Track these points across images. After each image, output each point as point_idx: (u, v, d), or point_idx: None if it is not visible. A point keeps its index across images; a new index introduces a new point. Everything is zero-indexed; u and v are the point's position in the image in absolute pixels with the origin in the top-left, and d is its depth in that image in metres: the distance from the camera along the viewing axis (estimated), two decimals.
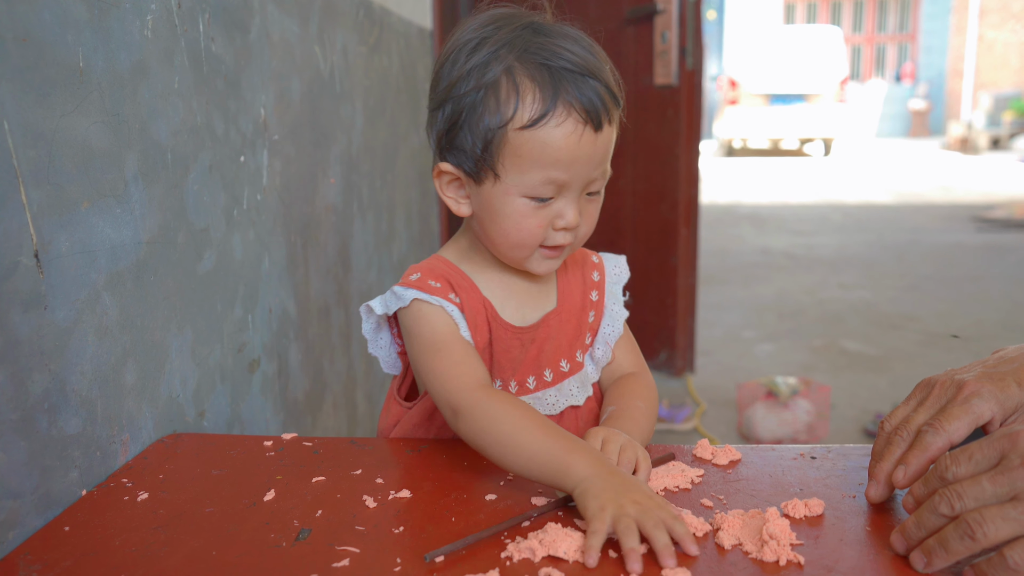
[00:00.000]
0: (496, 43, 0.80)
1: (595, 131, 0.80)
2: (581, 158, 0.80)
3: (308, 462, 0.88)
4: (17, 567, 0.69)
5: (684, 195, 2.91)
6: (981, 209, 7.15)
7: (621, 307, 0.99)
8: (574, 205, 0.83)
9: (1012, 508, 0.57)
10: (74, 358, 0.83)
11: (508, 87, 0.79)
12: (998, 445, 0.61)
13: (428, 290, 0.86)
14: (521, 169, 0.81)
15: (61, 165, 0.81)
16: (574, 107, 0.78)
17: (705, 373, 3.12)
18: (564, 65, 0.79)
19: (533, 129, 0.79)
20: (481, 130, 0.81)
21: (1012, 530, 0.57)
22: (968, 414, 0.71)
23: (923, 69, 16.86)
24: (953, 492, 0.61)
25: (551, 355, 0.93)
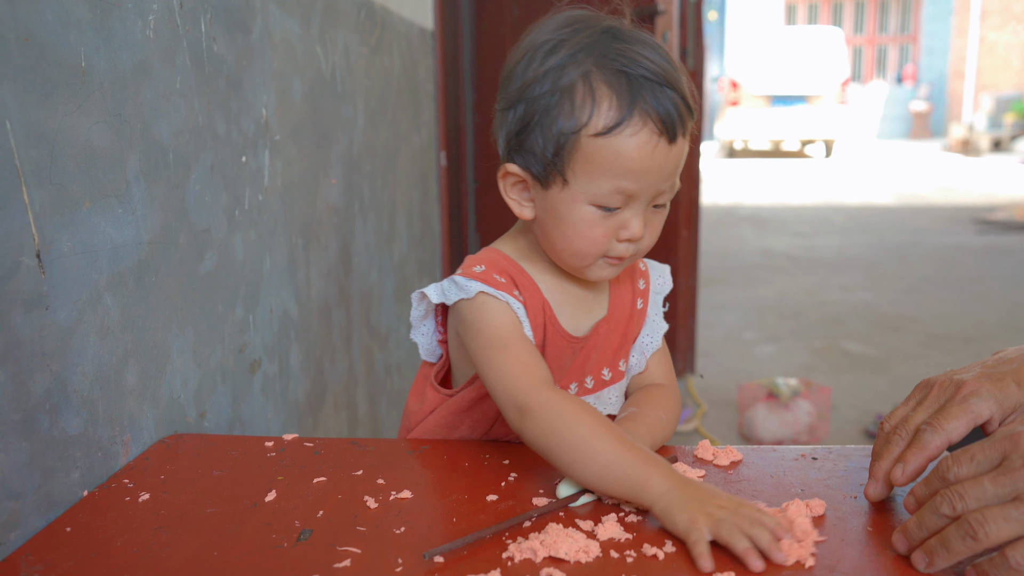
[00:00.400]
0: (574, 46, 0.79)
1: (669, 143, 0.78)
2: (653, 169, 0.78)
3: (309, 463, 0.88)
4: (19, 568, 0.69)
5: (685, 196, 2.91)
6: (982, 211, 7.14)
7: (661, 319, 0.97)
8: (640, 217, 0.82)
9: (1014, 508, 0.57)
10: (75, 358, 0.83)
11: (584, 92, 0.77)
12: (1000, 446, 0.61)
13: (494, 284, 0.84)
14: (591, 176, 0.79)
15: (63, 165, 0.81)
16: (650, 117, 0.77)
17: (706, 374, 3.12)
18: (642, 73, 0.77)
19: (607, 137, 0.77)
20: (553, 134, 0.79)
21: (1014, 530, 0.57)
22: (966, 413, 0.71)
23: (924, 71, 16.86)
24: (955, 492, 0.61)
25: (596, 362, 0.92)
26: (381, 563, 0.67)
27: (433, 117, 2.58)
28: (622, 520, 0.74)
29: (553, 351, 0.89)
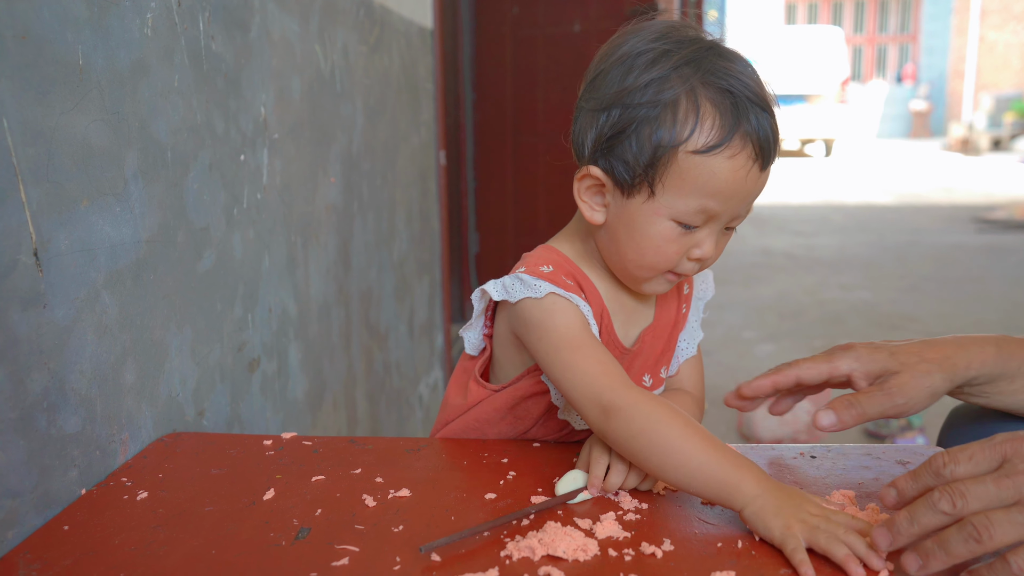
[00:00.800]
0: (680, 60, 0.78)
1: (761, 170, 0.78)
2: (741, 193, 0.78)
3: (308, 461, 0.88)
4: (16, 566, 0.69)
5: None
6: (982, 210, 7.14)
7: (699, 327, 0.97)
8: (714, 238, 0.81)
9: (1018, 512, 0.56)
10: (73, 357, 0.83)
11: (688, 107, 0.76)
12: (1000, 449, 0.61)
13: (563, 285, 0.83)
14: (681, 192, 0.78)
15: (60, 163, 0.81)
16: (750, 140, 0.76)
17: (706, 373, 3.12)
18: (747, 95, 0.76)
19: (706, 155, 0.76)
20: (652, 144, 0.77)
21: (1018, 534, 0.56)
22: (827, 363, 0.83)
23: (924, 70, 16.86)
24: (956, 490, 0.59)
25: (639, 370, 0.92)
26: (379, 561, 0.67)
27: (432, 116, 2.58)
28: (620, 519, 0.74)
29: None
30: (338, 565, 0.67)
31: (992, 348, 0.83)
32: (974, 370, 0.81)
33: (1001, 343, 0.84)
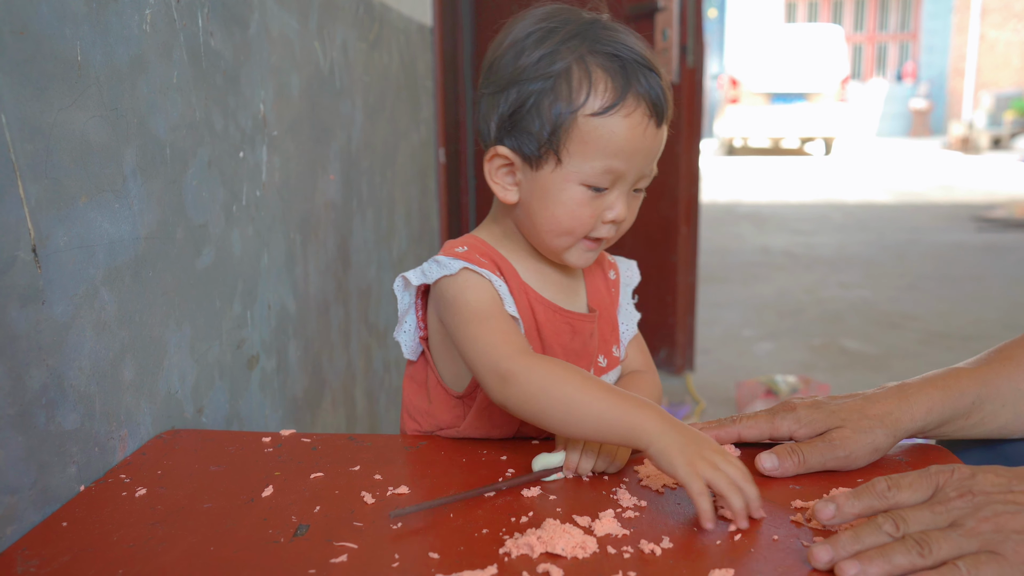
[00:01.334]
0: (565, 34, 0.83)
1: (657, 126, 0.82)
2: (642, 151, 0.83)
3: (306, 458, 0.88)
4: (15, 562, 0.69)
5: (684, 193, 2.91)
6: (982, 209, 7.14)
7: (633, 308, 1.01)
8: (624, 199, 0.86)
9: (952, 531, 0.63)
10: (72, 353, 0.83)
11: (580, 74, 0.81)
12: (935, 479, 0.67)
13: (476, 262, 0.86)
14: (585, 156, 0.82)
15: (59, 159, 0.80)
16: (643, 99, 0.81)
17: (705, 371, 3.12)
18: (634, 57, 0.81)
19: (603, 117, 0.81)
20: (552, 115, 0.82)
21: (953, 551, 0.62)
22: (768, 423, 0.85)
23: (924, 68, 16.85)
24: (899, 516, 0.65)
25: (594, 351, 0.95)
26: (378, 559, 0.67)
27: (432, 114, 2.58)
28: (619, 516, 0.73)
29: (550, 328, 0.90)
30: (336, 562, 0.67)
31: (939, 393, 0.84)
32: (919, 421, 0.83)
33: (949, 382, 0.85)
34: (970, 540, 0.62)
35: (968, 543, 0.62)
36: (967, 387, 0.85)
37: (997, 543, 0.61)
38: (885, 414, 0.82)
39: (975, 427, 0.86)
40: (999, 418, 0.86)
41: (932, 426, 0.84)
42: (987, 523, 0.62)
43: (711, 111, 15.47)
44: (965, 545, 0.62)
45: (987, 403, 0.85)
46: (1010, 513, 0.62)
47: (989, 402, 0.85)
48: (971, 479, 0.66)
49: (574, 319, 0.92)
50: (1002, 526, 0.61)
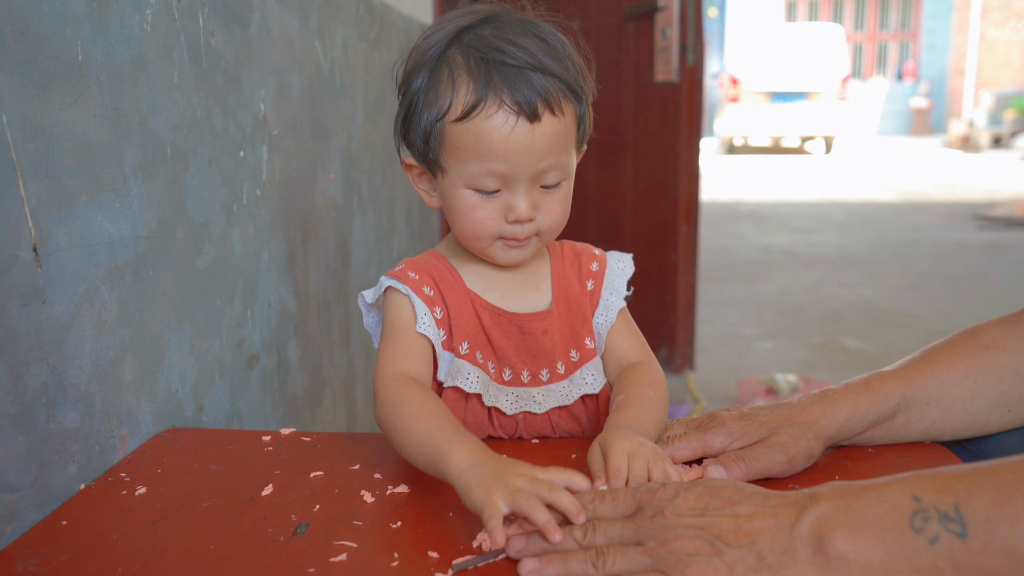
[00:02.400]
0: (446, 36, 0.82)
1: (529, 121, 0.79)
2: (517, 149, 0.80)
3: (306, 457, 0.88)
4: (15, 560, 0.69)
5: (684, 192, 2.91)
6: (982, 207, 7.14)
7: (618, 298, 0.97)
8: (523, 197, 0.83)
9: (634, 550, 0.64)
10: (72, 352, 0.83)
11: (446, 81, 0.80)
12: (637, 497, 0.68)
13: (403, 280, 0.88)
14: (460, 161, 0.82)
15: (60, 159, 0.81)
16: (504, 98, 0.78)
17: (705, 370, 3.12)
18: (500, 58, 0.79)
19: (466, 121, 0.79)
20: (423, 124, 0.82)
21: (627, 567, 0.63)
22: (700, 441, 0.83)
23: (925, 67, 16.84)
24: (590, 524, 0.67)
25: (560, 348, 0.92)
26: (377, 558, 0.67)
27: None
28: None
29: (498, 332, 0.90)
30: (336, 561, 0.67)
31: (861, 397, 0.85)
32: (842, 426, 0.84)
33: (872, 386, 0.85)
34: (645, 559, 0.63)
35: (643, 560, 0.63)
36: (890, 390, 0.85)
37: (669, 565, 0.61)
38: (812, 421, 0.83)
39: (901, 429, 0.86)
40: (925, 418, 0.86)
41: (856, 430, 0.85)
42: (665, 546, 0.62)
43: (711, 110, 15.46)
44: (640, 562, 0.63)
45: (912, 405, 0.85)
46: (688, 537, 0.62)
47: (915, 403, 0.85)
48: (671, 501, 0.66)
49: (521, 320, 0.91)
50: (677, 549, 0.62)
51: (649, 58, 2.86)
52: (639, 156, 2.98)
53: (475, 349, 0.90)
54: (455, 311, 0.89)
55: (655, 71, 2.84)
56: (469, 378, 0.87)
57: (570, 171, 0.86)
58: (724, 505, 0.64)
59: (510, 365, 0.91)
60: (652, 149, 2.94)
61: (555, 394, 0.91)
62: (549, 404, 0.91)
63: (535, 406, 0.91)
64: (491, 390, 0.89)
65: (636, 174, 3.00)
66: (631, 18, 2.88)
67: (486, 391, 0.89)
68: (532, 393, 0.91)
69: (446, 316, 0.89)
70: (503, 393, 0.90)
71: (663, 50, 2.79)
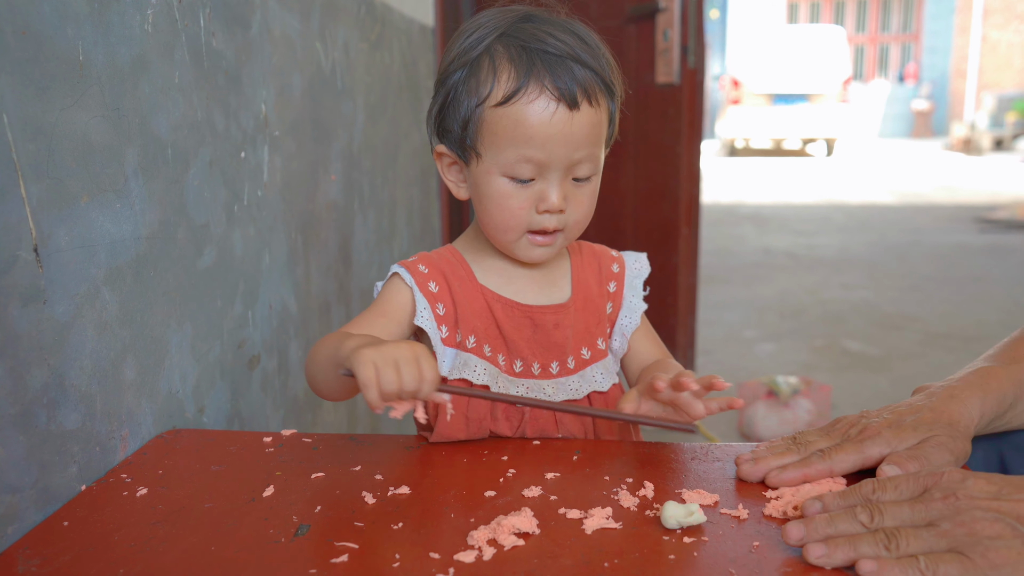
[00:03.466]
0: (486, 29, 0.84)
1: (569, 109, 0.81)
2: (556, 136, 0.81)
3: (307, 458, 0.88)
4: (16, 561, 0.69)
5: (685, 194, 2.91)
6: (984, 210, 7.13)
7: (639, 300, 0.99)
8: (557, 187, 0.84)
9: (926, 531, 0.63)
10: (73, 353, 0.83)
11: (488, 67, 0.82)
12: (924, 481, 0.68)
13: (412, 271, 0.91)
14: (498, 147, 0.83)
15: (61, 159, 0.80)
16: (546, 84, 0.80)
17: (706, 372, 3.11)
18: (542, 47, 0.81)
19: (506, 106, 0.81)
20: (463, 110, 0.84)
21: (924, 548, 0.63)
22: (858, 453, 0.79)
23: (926, 69, 16.84)
24: (876, 507, 0.66)
25: (572, 343, 0.93)
26: (378, 559, 0.67)
27: None
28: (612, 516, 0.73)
29: (510, 324, 0.91)
30: (337, 562, 0.67)
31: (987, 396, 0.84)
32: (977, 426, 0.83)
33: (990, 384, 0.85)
34: (940, 540, 0.62)
35: (938, 543, 0.62)
36: (1007, 389, 0.85)
37: (967, 546, 0.61)
38: (956, 421, 0.81)
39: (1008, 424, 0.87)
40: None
41: (982, 427, 0.84)
42: (962, 527, 0.62)
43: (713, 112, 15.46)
44: (935, 544, 0.62)
45: (1019, 403, 0.86)
46: (988, 520, 0.62)
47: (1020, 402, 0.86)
48: (961, 483, 0.65)
49: (534, 312, 0.92)
50: (976, 531, 0.61)
51: (650, 60, 2.86)
52: (640, 158, 2.98)
53: (483, 342, 0.91)
54: (463, 306, 0.90)
55: (656, 73, 2.84)
56: (476, 370, 0.89)
57: (600, 166, 0.88)
58: (1018, 491, 0.64)
59: (521, 357, 0.92)
60: (653, 151, 2.94)
61: (565, 388, 0.93)
62: (559, 397, 0.92)
63: (545, 398, 0.92)
64: (500, 381, 0.91)
65: (637, 176, 3.00)
66: (632, 19, 2.88)
67: (494, 382, 0.90)
68: (542, 385, 0.92)
69: (451, 312, 0.90)
70: (513, 385, 0.92)
71: (664, 52, 2.79)
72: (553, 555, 0.67)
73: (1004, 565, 0.60)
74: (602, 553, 0.67)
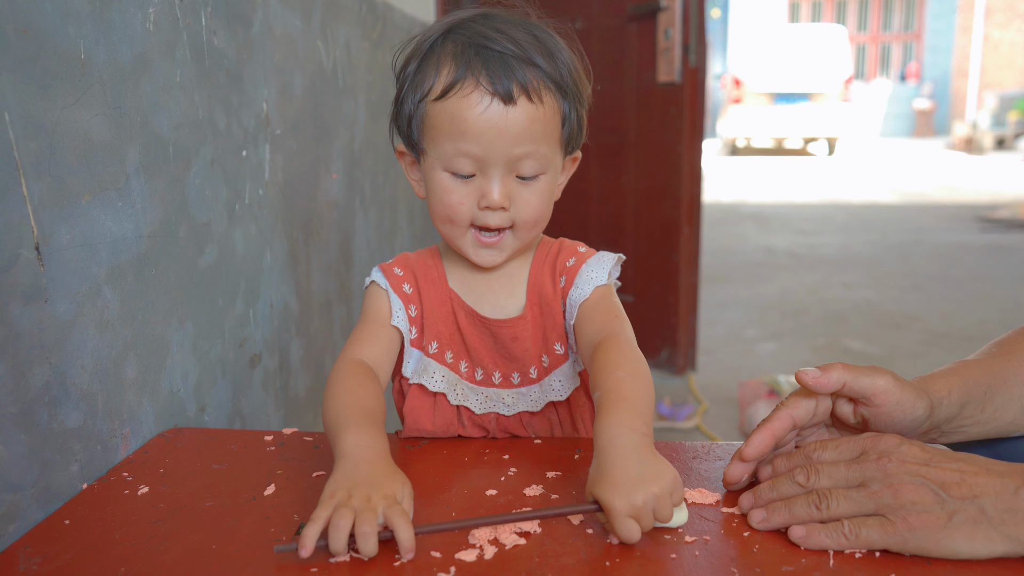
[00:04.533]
0: (441, 28, 0.84)
1: (504, 103, 0.80)
2: (490, 131, 0.80)
3: (308, 457, 0.88)
4: (17, 560, 0.69)
5: (686, 193, 2.90)
6: (985, 209, 7.13)
7: (599, 274, 0.90)
8: (497, 184, 0.83)
9: (857, 492, 0.67)
10: (75, 351, 0.83)
11: (431, 64, 0.83)
12: (862, 443, 0.71)
13: (387, 274, 0.93)
14: (437, 141, 0.83)
15: (62, 157, 0.80)
16: (480, 79, 0.80)
17: (707, 371, 3.12)
18: (484, 44, 0.81)
19: (443, 100, 0.81)
20: (409, 106, 0.85)
21: (851, 509, 0.67)
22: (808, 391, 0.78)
23: (928, 68, 16.82)
24: (812, 468, 0.70)
25: (533, 352, 0.92)
26: (379, 557, 0.67)
27: None
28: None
29: (471, 332, 0.92)
30: (338, 561, 0.67)
31: (955, 378, 0.83)
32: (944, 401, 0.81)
33: (960, 371, 0.84)
34: (868, 501, 0.66)
35: (865, 504, 0.66)
36: (978, 377, 0.84)
37: (891, 509, 0.65)
38: (917, 383, 0.81)
39: (988, 422, 0.85)
40: (1008, 412, 0.85)
41: (951, 413, 0.82)
42: (889, 489, 0.65)
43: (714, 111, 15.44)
44: (862, 505, 0.66)
45: (997, 396, 0.84)
46: (914, 485, 0.65)
47: (999, 395, 0.84)
48: (896, 447, 0.69)
49: (492, 325, 0.91)
50: (900, 494, 0.65)
51: (651, 59, 2.86)
52: (641, 157, 2.98)
53: (445, 349, 0.92)
54: (430, 310, 0.92)
55: (657, 72, 2.84)
56: (434, 377, 0.91)
57: (550, 166, 0.85)
58: (949, 460, 0.67)
59: (482, 366, 0.93)
60: (654, 150, 2.93)
61: (525, 398, 0.92)
62: (518, 407, 0.92)
63: (504, 408, 0.92)
64: (459, 389, 0.92)
65: (638, 175, 3.00)
66: (633, 18, 2.88)
67: (452, 390, 0.91)
68: (502, 395, 0.93)
69: (420, 315, 0.92)
70: (473, 392, 0.93)
71: (665, 50, 2.79)
72: (554, 554, 0.67)
73: (921, 529, 0.63)
74: (603, 552, 0.67)
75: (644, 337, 3.29)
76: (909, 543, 0.64)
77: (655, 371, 3.05)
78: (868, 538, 0.65)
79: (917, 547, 0.64)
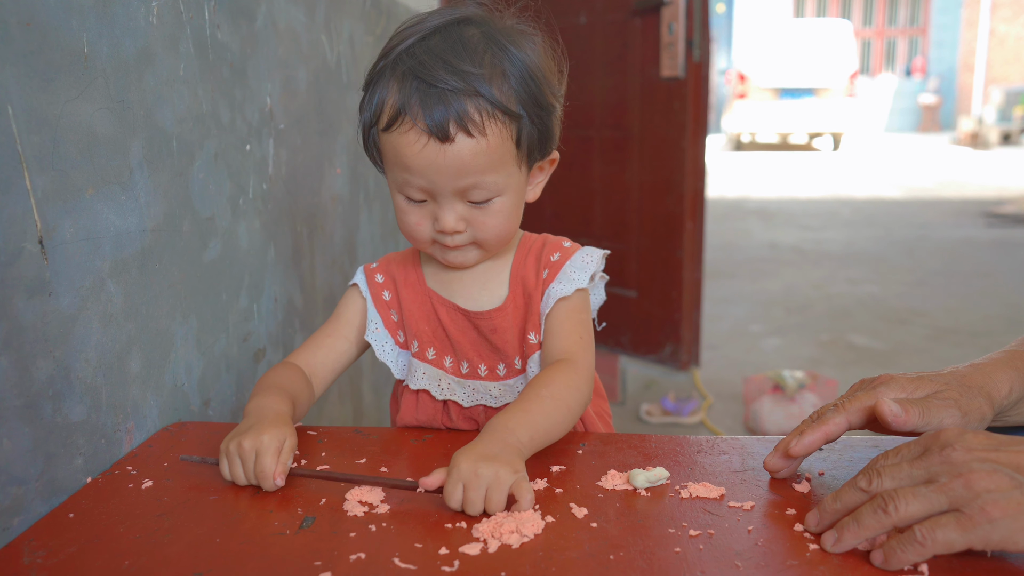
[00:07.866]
0: (398, 41, 0.83)
1: (440, 142, 0.79)
2: (429, 167, 0.81)
3: (312, 451, 0.88)
4: (21, 553, 0.69)
5: (690, 188, 2.90)
6: (991, 204, 7.10)
7: (567, 287, 0.90)
8: (448, 210, 0.84)
9: (924, 487, 0.62)
10: (79, 345, 0.83)
11: (382, 91, 0.83)
12: (924, 441, 0.66)
13: (369, 282, 0.96)
14: (388, 167, 0.86)
15: (65, 151, 0.80)
16: (416, 119, 0.79)
17: (712, 367, 3.11)
18: (428, 78, 0.79)
19: (388, 133, 0.82)
20: (364, 127, 0.86)
21: (922, 507, 0.61)
22: (872, 399, 0.76)
23: (934, 63, 16.75)
24: (873, 470, 0.66)
25: (515, 344, 0.92)
26: (383, 551, 0.67)
27: None
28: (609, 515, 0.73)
29: (454, 328, 0.93)
30: (342, 555, 0.67)
31: (1013, 372, 0.81)
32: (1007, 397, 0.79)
33: (1016, 364, 0.82)
34: (939, 496, 0.60)
35: (937, 499, 0.60)
36: None
37: (965, 502, 0.59)
38: (980, 385, 0.78)
39: None
40: None
41: (1012, 403, 0.81)
42: (959, 479, 0.60)
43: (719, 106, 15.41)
44: (933, 501, 0.61)
45: None
46: (985, 471, 0.60)
47: None
48: (959, 437, 0.64)
49: (473, 317, 0.92)
50: (973, 483, 0.59)
51: (655, 53, 2.85)
52: (645, 152, 2.97)
53: (428, 346, 0.94)
54: (409, 312, 0.94)
55: (661, 66, 2.83)
56: (416, 374, 0.93)
57: (504, 188, 0.84)
58: (1017, 443, 0.62)
59: (467, 359, 0.93)
60: (658, 145, 2.92)
61: (512, 390, 0.93)
62: (505, 399, 0.93)
63: (491, 400, 0.93)
64: (444, 383, 0.93)
65: (642, 170, 2.99)
66: (637, 13, 2.87)
67: (435, 385, 0.93)
68: (488, 387, 0.93)
69: (401, 317, 0.94)
70: (460, 386, 0.93)
71: (669, 45, 2.78)
72: (559, 548, 0.67)
73: (1003, 518, 0.58)
74: (607, 546, 0.67)
75: (648, 332, 3.29)
76: (992, 536, 0.58)
77: (659, 367, 3.05)
78: (946, 539, 0.59)
79: (1001, 540, 0.58)
